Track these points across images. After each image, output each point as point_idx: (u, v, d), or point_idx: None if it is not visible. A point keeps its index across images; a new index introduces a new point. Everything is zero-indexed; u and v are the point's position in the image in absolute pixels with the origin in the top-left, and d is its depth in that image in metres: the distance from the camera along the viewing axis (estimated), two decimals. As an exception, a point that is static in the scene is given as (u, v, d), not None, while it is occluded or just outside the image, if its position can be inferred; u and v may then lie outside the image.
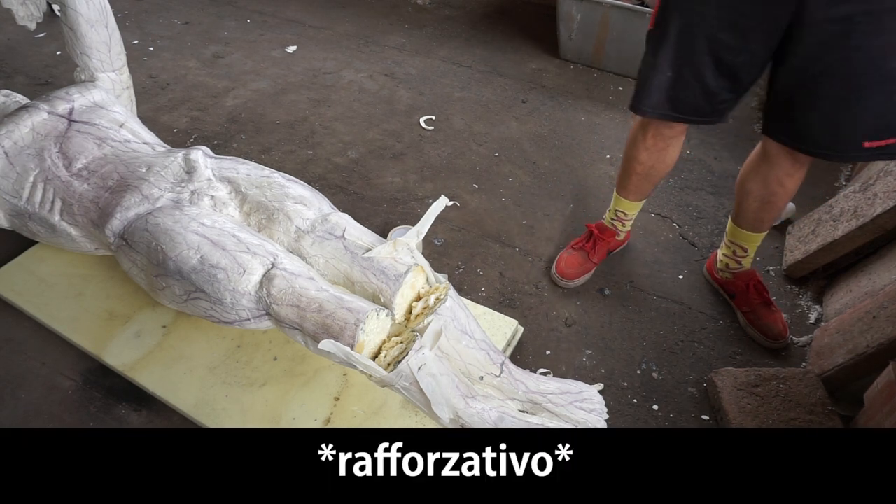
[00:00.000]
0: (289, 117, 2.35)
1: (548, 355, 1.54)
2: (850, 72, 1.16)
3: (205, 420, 1.31)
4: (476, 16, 3.07)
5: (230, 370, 1.40)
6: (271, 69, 2.63)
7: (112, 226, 1.40)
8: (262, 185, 1.44)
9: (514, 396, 1.31)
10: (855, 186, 1.71)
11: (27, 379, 1.42)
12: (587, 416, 1.29)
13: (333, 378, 1.39)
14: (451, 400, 1.21)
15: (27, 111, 1.57)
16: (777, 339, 1.55)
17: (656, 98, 1.36)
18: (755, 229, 1.55)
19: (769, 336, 1.56)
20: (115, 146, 1.55)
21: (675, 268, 1.79)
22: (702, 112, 1.36)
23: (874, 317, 1.40)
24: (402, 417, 1.33)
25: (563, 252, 1.75)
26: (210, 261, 1.26)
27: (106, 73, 1.75)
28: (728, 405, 1.37)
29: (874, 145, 1.22)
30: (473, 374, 1.31)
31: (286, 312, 1.22)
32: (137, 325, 1.48)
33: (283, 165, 2.10)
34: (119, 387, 1.40)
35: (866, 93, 1.16)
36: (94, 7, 1.65)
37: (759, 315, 1.58)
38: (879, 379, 1.25)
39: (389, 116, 2.37)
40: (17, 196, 1.50)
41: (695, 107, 1.35)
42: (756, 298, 1.59)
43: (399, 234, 1.32)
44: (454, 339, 1.31)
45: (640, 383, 1.49)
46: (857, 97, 1.18)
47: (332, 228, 1.35)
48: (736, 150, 2.26)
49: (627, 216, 1.71)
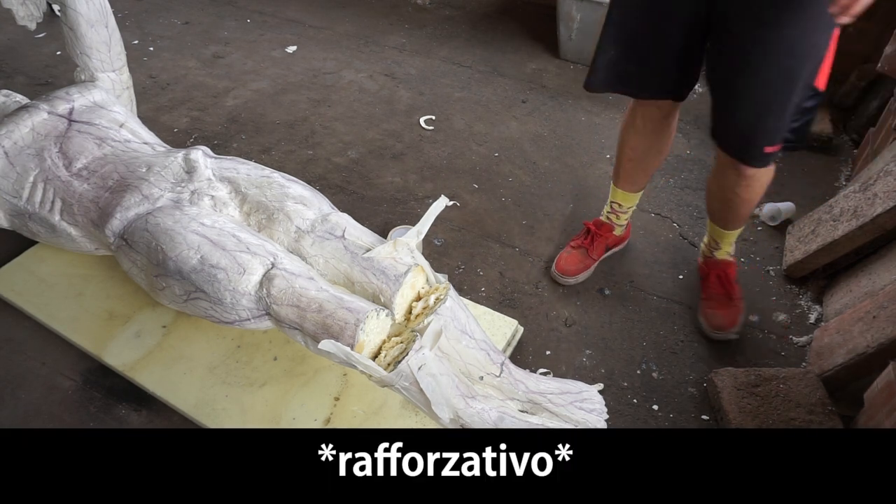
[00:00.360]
0: (289, 117, 2.35)
1: (548, 355, 1.54)
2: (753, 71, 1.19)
3: (205, 420, 1.31)
4: (476, 16, 3.07)
5: (230, 370, 1.40)
6: (271, 69, 2.63)
7: (112, 226, 1.40)
8: (262, 185, 1.44)
9: (514, 396, 1.31)
10: (855, 186, 1.71)
11: (27, 379, 1.42)
12: (587, 416, 1.29)
13: (333, 378, 1.39)
14: (451, 400, 1.21)
15: (27, 111, 1.57)
16: (717, 330, 1.56)
17: (603, 75, 1.40)
18: (722, 226, 1.57)
19: (710, 325, 1.57)
20: (115, 146, 1.55)
21: (675, 268, 1.79)
22: (649, 87, 1.40)
23: (874, 317, 1.40)
24: (402, 417, 1.33)
25: (563, 251, 1.75)
26: (210, 261, 1.26)
27: (106, 73, 1.75)
28: (728, 405, 1.37)
29: (772, 150, 1.28)
30: (473, 374, 1.31)
31: (286, 312, 1.22)
32: (137, 325, 1.48)
33: (283, 165, 2.10)
34: (119, 387, 1.40)
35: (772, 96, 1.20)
36: (94, 7, 1.65)
37: (712, 304, 1.59)
38: (879, 379, 1.25)
39: (389, 116, 2.37)
40: (17, 196, 1.50)
41: (641, 82, 1.40)
42: (717, 288, 1.60)
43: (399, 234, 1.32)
44: (454, 339, 1.31)
45: (640, 383, 1.49)
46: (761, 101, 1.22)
47: (332, 228, 1.35)
48: (736, 150, 2.26)
49: (623, 208, 1.71)
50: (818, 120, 2.29)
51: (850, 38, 2.44)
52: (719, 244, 1.62)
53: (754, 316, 1.66)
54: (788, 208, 1.92)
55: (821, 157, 2.24)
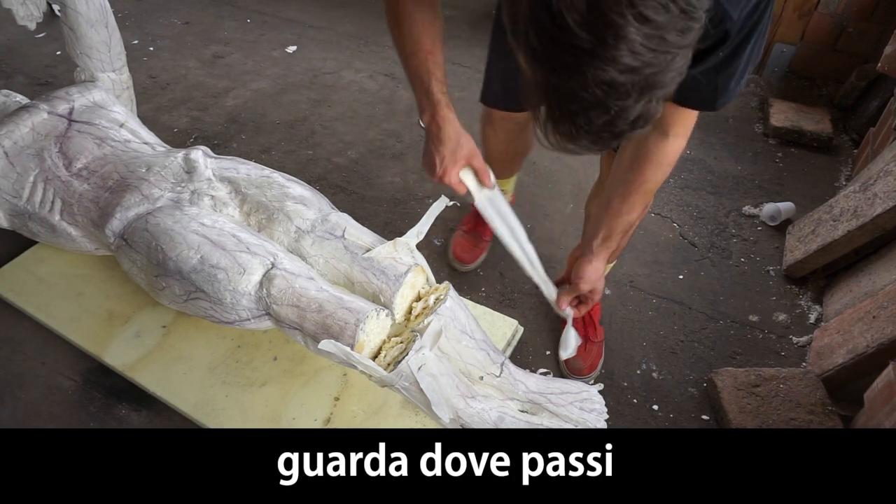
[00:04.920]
0: (289, 117, 2.35)
1: (548, 355, 1.54)
2: None
3: (205, 420, 1.31)
4: (476, 16, 3.07)
5: (230, 370, 1.40)
6: (271, 69, 2.63)
7: (112, 226, 1.40)
8: (262, 185, 1.43)
9: (514, 396, 1.31)
10: (855, 186, 1.71)
11: (27, 379, 1.42)
12: (587, 415, 1.29)
13: (333, 378, 1.39)
14: (451, 400, 1.21)
15: (27, 111, 1.57)
16: (574, 373, 1.47)
17: (493, 88, 1.39)
18: None
19: (568, 367, 1.49)
20: (115, 146, 1.55)
21: (675, 268, 1.79)
22: (507, 101, 1.38)
23: (874, 317, 1.40)
24: (402, 417, 1.33)
25: (455, 236, 1.74)
26: (210, 261, 1.26)
27: (106, 73, 1.75)
28: (728, 405, 1.37)
29: None
30: (473, 374, 1.31)
31: (286, 312, 1.22)
32: (137, 325, 1.48)
33: (283, 165, 2.10)
34: (119, 387, 1.40)
35: None
36: (94, 7, 1.64)
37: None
38: (879, 379, 1.25)
39: (389, 116, 2.37)
40: (17, 196, 1.50)
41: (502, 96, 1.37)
42: (578, 330, 1.45)
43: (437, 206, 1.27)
44: (454, 340, 1.31)
45: (640, 383, 1.49)
46: None
47: (332, 228, 1.35)
48: (736, 150, 2.26)
49: (505, 191, 1.70)
50: (818, 120, 2.29)
51: (851, 38, 2.44)
52: None
53: (754, 316, 1.66)
54: (788, 208, 1.92)
55: (821, 157, 2.24)
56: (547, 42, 0.53)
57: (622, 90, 0.53)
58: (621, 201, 1.13)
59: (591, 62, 0.52)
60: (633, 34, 0.50)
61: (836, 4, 2.40)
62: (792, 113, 2.33)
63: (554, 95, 0.57)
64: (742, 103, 2.51)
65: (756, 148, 2.28)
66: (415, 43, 1.05)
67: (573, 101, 0.55)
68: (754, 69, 2.66)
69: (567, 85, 0.54)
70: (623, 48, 0.51)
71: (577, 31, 0.50)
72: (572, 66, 0.53)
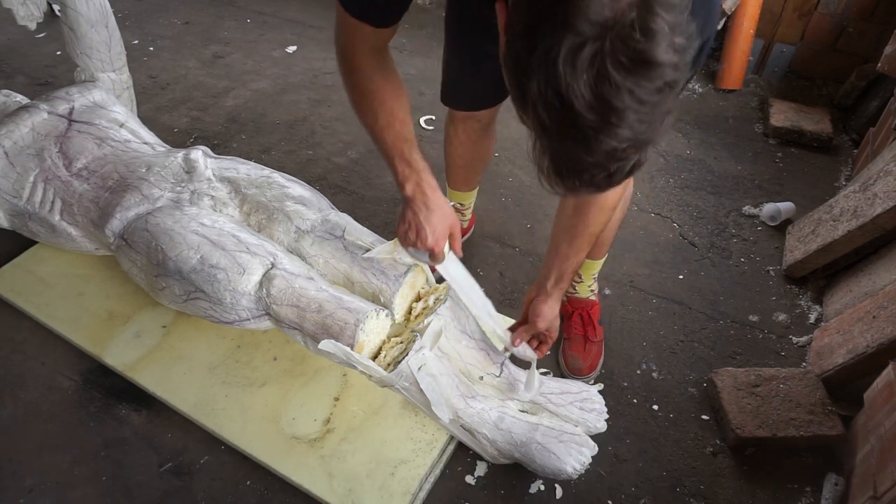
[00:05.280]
0: (289, 117, 2.35)
1: (548, 355, 1.54)
2: None
3: (205, 420, 1.31)
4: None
5: (230, 370, 1.40)
6: (271, 69, 2.63)
7: (112, 226, 1.40)
8: (261, 186, 1.44)
9: (514, 396, 1.31)
10: (855, 186, 1.71)
11: (27, 379, 1.42)
12: (587, 415, 1.29)
13: (333, 378, 1.39)
14: (451, 400, 1.21)
15: (27, 111, 1.57)
16: (573, 373, 1.46)
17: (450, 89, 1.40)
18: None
19: (568, 367, 1.48)
20: (115, 146, 1.55)
21: (675, 268, 1.79)
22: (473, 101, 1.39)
23: (874, 317, 1.40)
24: (402, 417, 1.33)
25: None
26: (210, 261, 1.26)
27: (106, 73, 1.75)
28: (728, 405, 1.37)
29: None
30: (473, 374, 1.31)
31: (286, 312, 1.22)
32: (137, 325, 1.48)
33: (283, 165, 2.09)
34: (119, 387, 1.40)
35: None
36: (94, 7, 1.65)
37: (571, 345, 1.50)
38: (879, 379, 1.25)
39: (389, 116, 2.37)
40: (17, 196, 1.50)
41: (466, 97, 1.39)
42: (578, 329, 1.51)
43: None
44: (454, 340, 1.31)
45: (640, 383, 1.49)
46: None
47: (331, 228, 1.35)
48: (736, 150, 2.26)
49: (465, 206, 1.75)
50: (818, 120, 2.29)
51: (851, 37, 2.45)
52: (581, 277, 1.53)
53: (754, 316, 1.66)
54: (788, 208, 1.92)
55: (821, 157, 2.24)
56: (556, 120, 0.60)
57: (622, 154, 0.61)
58: (568, 246, 1.18)
59: (595, 136, 0.59)
60: (631, 115, 0.58)
61: (836, 4, 2.40)
62: (792, 113, 2.33)
63: (560, 159, 0.64)
64: (742, 103, 2.52)
65: (756, 148, 2.28)
66: (388, 114, 1.07)
67: (578, 164, 0.63)
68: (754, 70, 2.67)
69: (573, 152, 0.62)
70: (624, 125, 0.58)
71: (584, 113, 0.57)
72: (579, 139, 0.60)
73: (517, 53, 0.62)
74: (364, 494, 1.20)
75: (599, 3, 0.55)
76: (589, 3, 0.55)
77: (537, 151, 0.66)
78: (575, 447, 1.21)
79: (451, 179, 1.68)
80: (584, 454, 1.21)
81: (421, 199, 1.09)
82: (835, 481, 1.28)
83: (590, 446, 1.23)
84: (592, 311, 1.54)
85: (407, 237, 1.12)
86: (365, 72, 1.05)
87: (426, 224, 1.09)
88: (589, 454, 1.22)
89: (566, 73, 0.57)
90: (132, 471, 1.27)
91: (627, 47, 0.56)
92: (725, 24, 2.48)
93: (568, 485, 1.29)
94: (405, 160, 1.08)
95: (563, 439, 1.21)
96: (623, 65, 0.56)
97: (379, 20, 0.99)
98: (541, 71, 0.58)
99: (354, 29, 0.99)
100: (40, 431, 1.33)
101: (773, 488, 1.30)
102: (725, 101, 2.52)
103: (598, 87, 0.57)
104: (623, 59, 0.56)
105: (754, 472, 1.33)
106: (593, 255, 1.48)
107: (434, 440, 1.29)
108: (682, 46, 0.58)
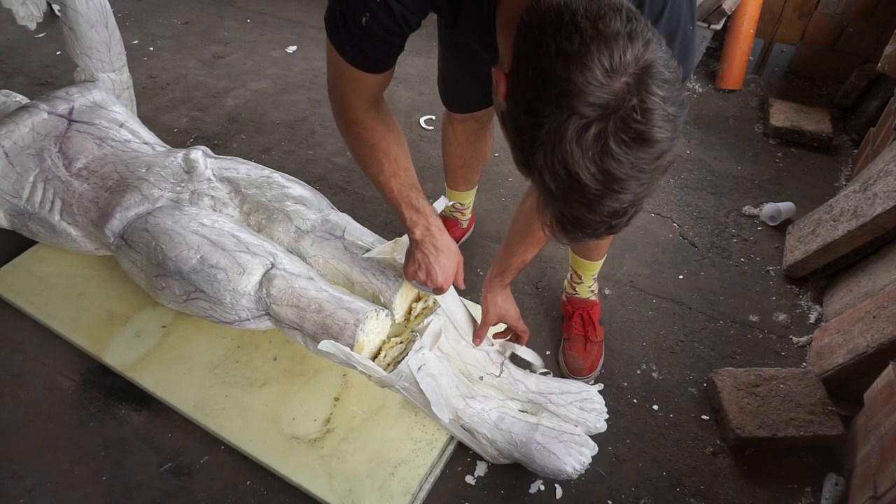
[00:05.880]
0: (289, 117, 2.35)
1: (548, 355, 1.54)
2: None
3: (205, 420, 1.31)
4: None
5: (230, 370, 1.40)
6: (271, 69, 2.63)
7: (112, 226, 1.40)
8: (261, 185, 1.43)
9: (515, 396, 1.31)
10: (855, 186, 1.71)
11: (27, 379, 1.42)
12: (587, 415, 1.29)
13: (333, 378, 1.39)
14: (451, 400, 1.21)
15: (27, 111, 1.57)
16: (574, 374, 1.47)
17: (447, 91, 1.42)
18: (583, 256, 1.49)
19: (568, 367, 1.48)
20: (115, 146, 1.55)
21: (675, 268, 1.79)
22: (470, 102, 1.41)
23: (874, 317, 1.40)
24: (402, 417, 1.32)
25: None
26: (210, 261, 1.26)
27: (106, 73, 1.75)
28: (728, 405, 1.37)
29: None
30: (473, 374, 1.31)
31: (286, 312, 1.22)
32: (137, 325, 1.48)
33: (283, 165, 2.10)
34: (119, 387, 1.40)
35: None
36: (94, 7, 1.64)
37: (571, 345, 1.50)
38: (879, 379, 1.25)
39: (389, 116, 2.37)
40: (17, 196, 1.50)
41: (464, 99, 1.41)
42: (577, 329, 1.51)
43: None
44: (454, 340, 1.31)
45: (640, 383, 1.49)
46: None
47: (331, 228, 1.35)
48: (736, 150, 2.26)
49: (465, 206, 1.76)
50: (818, 120, 2.29)
51: (851, 37, 2.45)
52: (581, 278, 1.54)
53: (754, 316, 1.66)
54: (788, 208, 1.92)
55: (821, 157, 2.24)
56: (562, 188, 0.64)
57: (623, 212, 0.66)
58: (518, 242, 1.24)
59: (600, 201, 0.64)
60: (633, 183, 0.62)
61: (836, 4, 2.40)
62: (792, 113, 2.33)
63: (565, 217, 0.68)
64: (742, 103, 2.52)
65: (756, 148, 2.28)
66: (394, 164, 1.08)
67: (582, 221, 0.67)
68: (754, 70, 2.66)
69: (578, 213, 0.66)
70: (626, 191, 0.63)
71: (589, 184, 0.62)
72: (584, 203, 0.64)
73: (521, 127, 0.65)
74: (364, 494, 1.20)
75: (598, 88, 0.59)
76: (588, 88, 0.59)
77: (541, 206, 0.70)
78: (575, 447, 1.21)
79: (450, 179, 1.68)
80: (583, 454, 1.21)
81: (430, 242, 1.13)
82: (835, 481, 1.28)
83: (590, 446, 1.23)
84: (593, 312, 1.54)
85: (417, 276, 1.16)
86: (365, 124, 1.06)
87: (436, 265, 1.13)
88: (589, 454, 1.22)
89: (573, 151, 0.60)
90: (132, 471, 1.27)
91: (629, 128, 0.60)
92: (725, 24, 2.48)
93: (568, 485, 1.29)
94: (413, 207, 1.10)
95: (562, 439, 1.21)
96: (625, 142, 0.60)
97: (379, 64, 0.98)
98: (547, 146, 0.62)
99: (354, 80, 0.99)
100: (40, 431, 1.33)
101: (773, 488, 1.30)
102: (725, 101, 2.52)
103: (602, 162, 0.61)
104: (625, 138, 0.60)
105: (754, 472, 1.33)
106: (591, 257, 1.49)
107: (434, 440, 1.29)
108: (675, 115, 0.62)
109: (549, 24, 0.62)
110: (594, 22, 0.60)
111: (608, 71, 0.59)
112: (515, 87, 0.67)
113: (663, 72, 0.61)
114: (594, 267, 1.52)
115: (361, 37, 0.90)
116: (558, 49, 0.60)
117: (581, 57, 0.59)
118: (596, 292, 1.58)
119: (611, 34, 0.59)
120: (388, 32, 0.91)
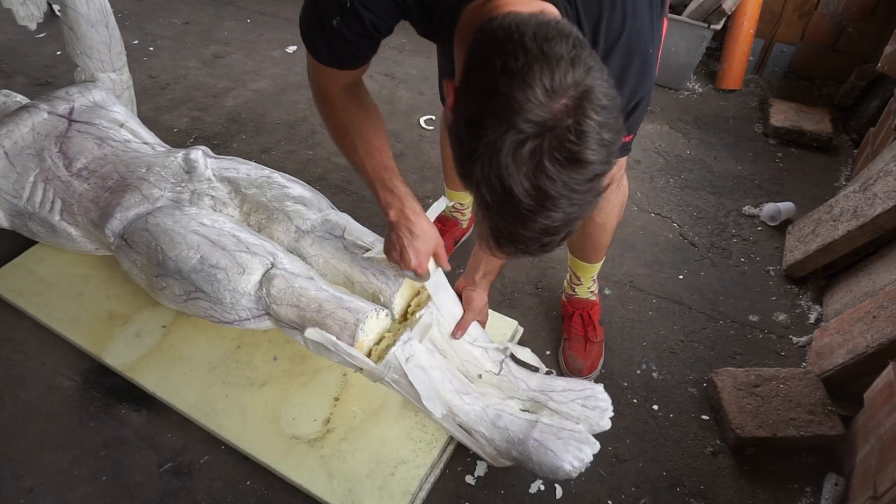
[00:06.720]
0: (289, 117, 2.35)
1: (548, 355, 1.54)
2: None
3: (205, 420, 1.31)
4: None
5: (230, 370, 1.40)
6: (271, 69, 2.63)
7: (112, 226, 1.40)
8: (261, 185, 1.44)
9: (515, 395, 1.30)
10: (855, 186, 1.71)
11: (27, 379, 1.42)
12: (590, 413, 1.27)
13: (333, 378, 1.39)
14: (445, 395, 1.21)
15: (27, 111, 1.57)
16: (574, 374, 1.47)
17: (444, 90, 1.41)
18: (581, 258, 1.49)
19: (568, 367, 1.49)
20: (115, 146, 1.55)
21: (675, 268, 1.79)
22: None
23: (874, 317, 1.40)
24: (402, 417, 1.32)
25: None
26: (210, 261, 1.26)
27: (106, 73, 1.75)
28: (728, 405, 1.37)
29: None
30: (471, 371, 1.31)
31: (286, 312, 1.22)
32: (137, 325, 1.48)
33: (283, 165, 2.10)
34: (119, 387, 1.40)
35: None
36: (94, 7, 1.64)
37: (571, 346, 1.51)
38: (879, 379, 1.25)
39: (389, 116, 2.37)
40: (17, 196, 1.50)
41: None
42: (578, 329, 1.52)
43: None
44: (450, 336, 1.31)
45: (640, 383, 1.49)
46: None
47: (331, 228, 1.35)
48: (736, 150, 2.26)
49: (465, 206, 1.77)
50: (818, 120, 2.29)
51: (851, 37, 2.45)
52: (580, 279, 1.53)
53: (754, 316, 1.66)
54: (788, 208, 1.92)
55: (821, 157, 2.24)
56: (497, 201, 0.65)
57: (554, 231, 0.67)
58: None
59: (532, 217, 0.65)
60: (564, 202, 0.64)
61: (836, 4, 2.40)
62: (792, 113, 2.33)
63: (500, 231, 0.70)
64: (742, 103, 2.52)
65: (756, 148, 2.28)
66: (367, 143, 1.09)
67: (515, 237, 0.69)
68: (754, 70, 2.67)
69: (511, 227, 0.68)
70: (558, 209, 0.65)
71: (522, 199, 0.64)
72: (518, 217, 0.66)
73: (462, 138, 0.67)
74: (364, 494, 1.20)
75: (537, 106, 0.61)
76: (528, 105, 0.61)
77: (478, 219, 0.72)
78: (574, 444, 1.17)
79: (449, 180, 1.69)
80: (583, 451, 1.16)
81: (405, 225, 1.13)
82: (835, 481, 1.28)
83: (591, 444, 1.18)
84: (593, 312, 1.54)
85: (391, 255, 1.17)
86: (340, 105, 1.07)
87: (409, 248, 1.14)
88: (590, 452, 1.17)
89: (508, 164, 0.62)
90: (132, 471, 1.27)
91: (563, 147, 0.62)
92: (725, 24, 2.49)
93: (568, 485, 1.29)
94: (387, 188, 1.11)
95: (561, 436, 1.18)
96: (559, 160, 0.62)
97: (348, 64, 1.00)
98: (485, 158, 0.64)
99: (327, 72, 1.01)
100: (40, 431, 1.33)
101: (773, 488, 1.30)
102: (725, 101, 2.53)
103: (535, 178, 0.63)
104: (559, 157, 0.62)
105: (754, 472, 1.33)
106: (590, 259, 1.48)
107: (434, 440, 1.29)
108: (610, 141, 0.64)
109: (499, 42, 0.65)
110: (541, 44, 0.62)
111: (548, 91, 0.61)
112: (461, 98, 0.69)
113: (601, 98, 0.63)
114: (592, 269, 1.52)
115: (333, 38, 0.93)
116: (504, 66, 0.62)
117: (524, 75, 0.61)
118: (596, 293, 1.58)
119: (554, 57, 0.61)
120: (359, 36, 0.93)
